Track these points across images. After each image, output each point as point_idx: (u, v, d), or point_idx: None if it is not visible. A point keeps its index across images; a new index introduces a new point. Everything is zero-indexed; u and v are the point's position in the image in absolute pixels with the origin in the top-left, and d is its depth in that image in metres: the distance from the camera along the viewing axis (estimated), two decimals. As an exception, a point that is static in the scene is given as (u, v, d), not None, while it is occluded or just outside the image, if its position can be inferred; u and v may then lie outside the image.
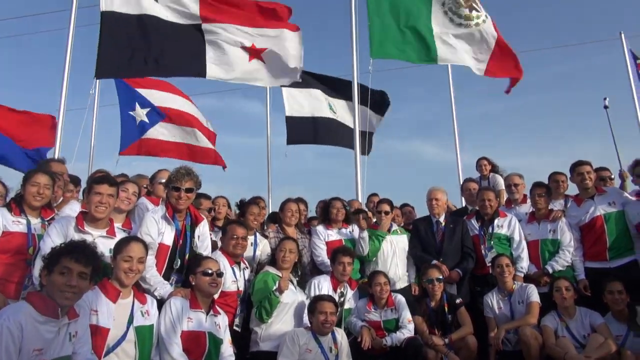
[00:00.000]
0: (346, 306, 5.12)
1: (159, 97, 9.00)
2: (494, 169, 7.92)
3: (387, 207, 5.83)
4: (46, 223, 4.18)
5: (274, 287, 4.58)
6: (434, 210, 5.89)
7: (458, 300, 5.22)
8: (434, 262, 5.48)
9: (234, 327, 4.51)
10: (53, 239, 3.68)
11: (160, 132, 8.91)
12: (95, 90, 8.36)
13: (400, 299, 5.16)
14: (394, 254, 5.68)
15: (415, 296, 5.50)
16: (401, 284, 5.61)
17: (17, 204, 4.13)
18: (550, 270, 5.48)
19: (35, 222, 4.14)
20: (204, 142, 9.14)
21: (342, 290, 5.12)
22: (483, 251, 5.71)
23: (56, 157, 6.28)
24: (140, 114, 8.82)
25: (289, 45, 7.66)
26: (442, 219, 5.88)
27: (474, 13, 7.55)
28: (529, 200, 6.10)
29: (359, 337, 4.83)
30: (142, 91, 8.90)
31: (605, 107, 8.00)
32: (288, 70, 7.72)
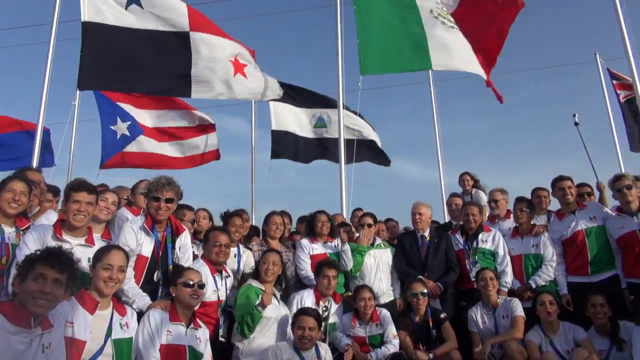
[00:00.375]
0: (330, 320, 5.04)
1: (137, 113, 8.90)
2: (477, 184, 8.00)
3: (369, 220, 5.82)
4: (21, 232, 4.03)
5: (257, 302, 4.48)
6: (417, 225, 5.89)
7: (442, 315, 5.18)
8: (420, 277, 5.45)
9: (220, 338, 4.40)
10: (30, 247, 3.55)
11: (142, 145, 8.79)
12: (76, 102, 8.29)
13: (385, 313, 5.10)
14: (377, 269, 5.63)
15: (399, 310, 5.44)
16: (385, 298, 5.56)
17: (-10, 212, 3.97)
18: (534, 285, 5.50)
19: (10, 231, 3.99)
20: (190, 150, 9.01)
21: (326, 304, 5.04)
22: (468, 266, 5.71)
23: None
24: (122, 127, 8.71)
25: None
26: (426, 233, 5.88)
27: None
28: (512, 216, 6.15)
29: (344, 353, 4.74)
30: (123, 105, 8.79)
31: (576, 123, 8.15)
32: (268, 84, 7.72)
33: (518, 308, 5.14)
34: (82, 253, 3.71)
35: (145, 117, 8.95)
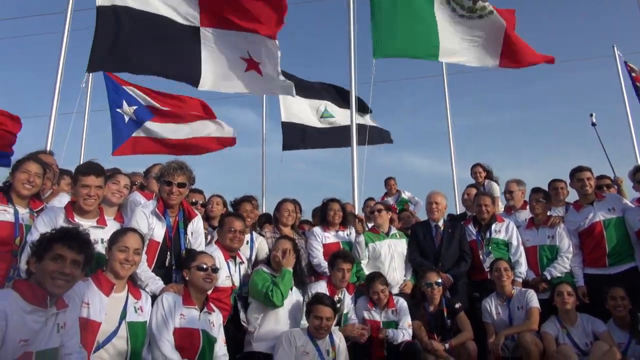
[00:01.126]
0: (344, 311, 4.96)
1: (145, 97, 8.77)
2: (489, 175, 7.89)
3: (381, 207, 5.76)
4: (34, 214, 3.99)
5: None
6: (433, 214, 5.81)
7: (457, 305, 5.11)
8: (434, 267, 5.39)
9: (242, 322, 4.38)
10: (40, 231, 3.49)
11: (151, 130, 8.67)
12: (88, 85, 8.21)
13: (402, 302, 5.05)
14: (392, 258, 5.56)
15: (412, 300, 5.37)
16: (399, 288, 5.48)
17: (5, 193, 3.94)
18: (549, 277, 5.41)
19: (24, 212, 3.95)
20: (204, 132, 8.87)
21: (339, 295, 4.94)
22: (481, 256, 5.63)
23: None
24: (128, 111, 8.56)
25: (273, 54, 7.52)
26: (440, 223, 5.80)
27: (479, 4, 7.40)
28: (528, 207, 6.05)
29: (355, 334, 4.66)
30: (129, 89, 8.68)
31: (593, 124, 7.94)
32: (280, 81, 7.62)
33: (533, 299, 5.06)
34: (95, 234, 3.66)
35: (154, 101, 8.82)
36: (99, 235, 3.68)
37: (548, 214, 5.76)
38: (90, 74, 7.57)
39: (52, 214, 3.77)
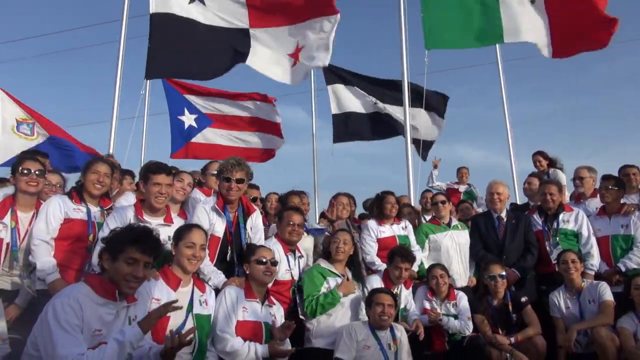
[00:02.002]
0: (401, 306, 4.87)
1: (205, 104, 9.09)
2: (553, 163, 7.49)
3: (442, 198, 5.62)
4: (105, 212, 4.21)
5: (336, 285, 4.42)
6: (495, 205, 5.60)
7: (523, 299, 4.89)
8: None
9: (300, 316, 4.40)
10: (111, 228, 3.67)
11: (209, 137, 9.01)
12: (146, 92, 8.60)
13: (463, 296, 4.92)
14: (454, 251, 5.42)
15: (475, 293, 5.20)
16: (462, 282, 5.34)
17: (78, 193, 4.17)
18: (623, 268, 5.08)
19: (95, 210, 4.18)
20: (254, 143, 9.12)
21: (396, 291, 4.81)
22: (548, 248, 5.37)
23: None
24: (190, 118, 8.96)
25: (324, 33, 7.45)
26: (503, 214, 5.58)
27: None
28: (599, 195, 5.70)
29: (413, 328, 4.53)
30: (190, 97, 9.04)
31: None
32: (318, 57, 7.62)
33: (607, 292, 4.76)
34: (163, 232, 3.76)
35: (216, 105, 9.13)
36: (167, 233, 3.80)
37: (621, 202, 5.39)
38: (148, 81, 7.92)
39: (122, 212, 3.95)
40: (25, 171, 4.02)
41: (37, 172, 4.06)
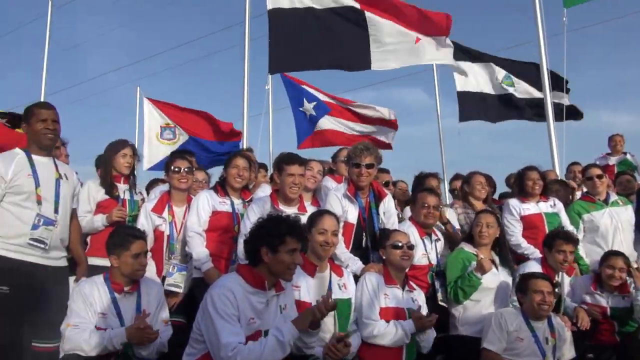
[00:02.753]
0: (564, 296, 4.36)
1: (322, 95, 9.25)
2: None
3: (598, 171, 4.92)
4: (247, 203, 4.46)
5: (472, 267, 4.13)
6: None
7: None
8: None
9: (439, 302, 4.24)
10: (252, 219, 3.83)
11: (329, 124, 9.15)
12: (269, 86, 9.04)
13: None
14: (615, 229, 4.78)
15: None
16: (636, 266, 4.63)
17: (222, 187, 4.48)
18: None
19: (238, 202, 4.45)
20: (371, 133, 9.08)
21: (557, 279, 4.33)
22: None
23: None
24: (309, 108, 9.17)
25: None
26: (676, 184, 4.73)
27: None
28: None
29: (574, 319, 4.08)
30: (307, 87, 9.27)
31: None
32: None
33: None
34: None
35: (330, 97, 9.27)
36: (302, 221, 3.89)
37: None
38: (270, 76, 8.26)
39: (260, 203, 4.17)
40: (177, 169, 4.43)
41: (186, 170, 4.45)
